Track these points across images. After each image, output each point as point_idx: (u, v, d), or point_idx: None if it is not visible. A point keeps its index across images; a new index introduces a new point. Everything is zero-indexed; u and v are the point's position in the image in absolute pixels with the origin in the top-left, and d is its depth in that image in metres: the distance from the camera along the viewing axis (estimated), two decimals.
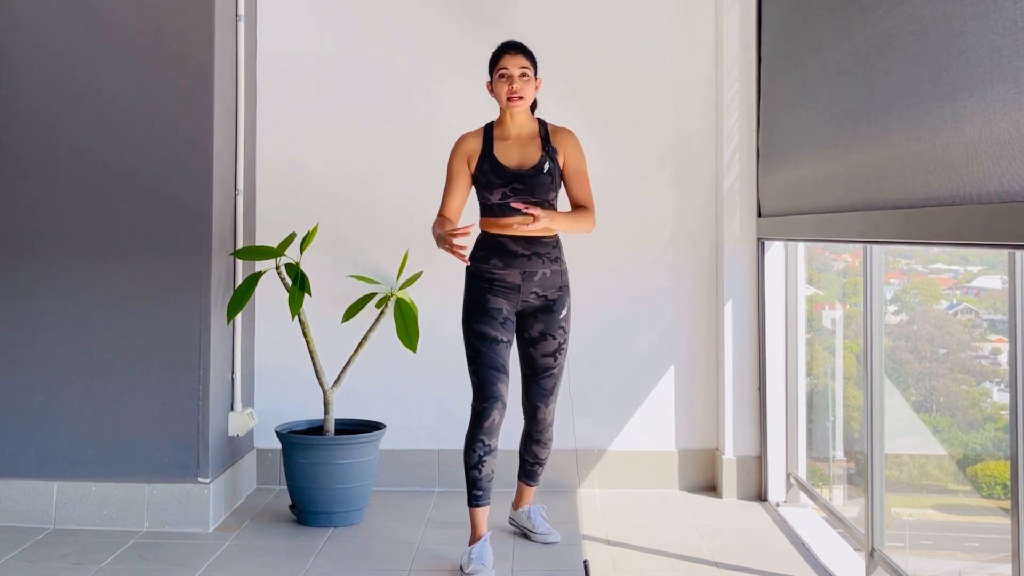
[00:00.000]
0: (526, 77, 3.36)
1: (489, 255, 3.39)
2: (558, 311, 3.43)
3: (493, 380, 3.31)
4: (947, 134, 2.18)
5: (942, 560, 3.20)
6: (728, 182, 4.24)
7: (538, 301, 3.41)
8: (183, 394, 3.75)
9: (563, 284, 3.45)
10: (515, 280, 3.37)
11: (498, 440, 3.33)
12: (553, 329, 3.43)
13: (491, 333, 3.34)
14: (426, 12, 4.36)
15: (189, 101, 3.79)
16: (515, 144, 3.41)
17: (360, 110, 4.36)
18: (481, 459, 3.30)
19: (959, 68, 2.12)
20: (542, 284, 3.40)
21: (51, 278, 3.79)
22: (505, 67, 3.35)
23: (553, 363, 3.45)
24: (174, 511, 3.71)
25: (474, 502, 3.34)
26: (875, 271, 3.11)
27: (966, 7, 2.08)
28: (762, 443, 4.16)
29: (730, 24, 4.24)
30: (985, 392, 2.85)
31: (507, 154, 3.39)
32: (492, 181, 3.35)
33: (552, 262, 3.41)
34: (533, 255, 3.37)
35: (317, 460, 3.78)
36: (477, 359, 3.33)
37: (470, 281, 3.43)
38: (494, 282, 3.38)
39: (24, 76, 3.80)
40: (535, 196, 3.34)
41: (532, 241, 3.37)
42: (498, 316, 3.35)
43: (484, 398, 3.30)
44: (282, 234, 4.03)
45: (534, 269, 3.37)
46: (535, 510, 3.68)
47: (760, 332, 4.19)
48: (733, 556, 3.45)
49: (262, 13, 4.35)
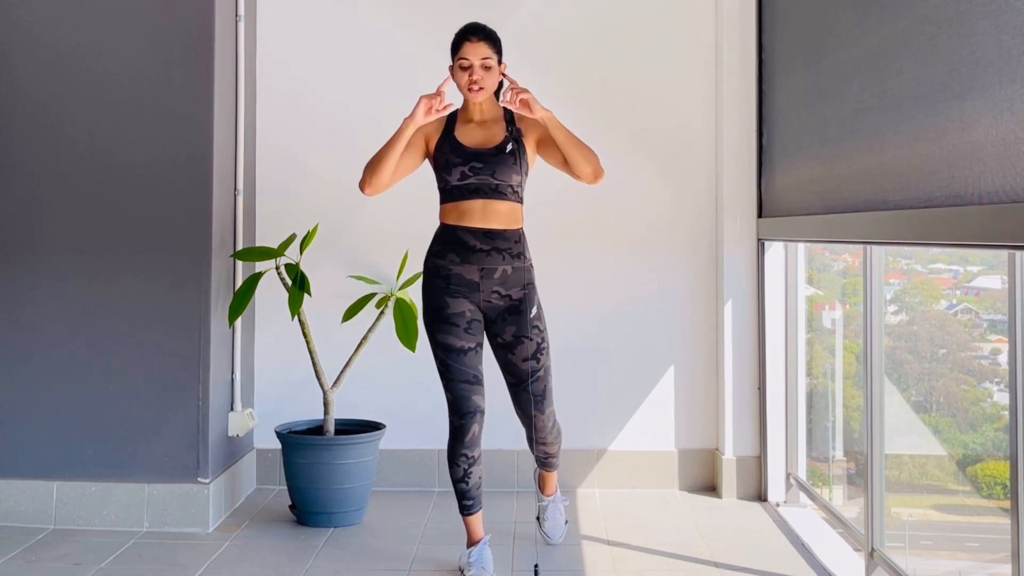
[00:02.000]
0: (488, 68, 3.19)
1: (445, 249, 3.22)
2: (527, 311, 3.25)
3: (467, 395, 3.17)
4: (954, 135, 2.19)
5: (942, 560, 3.20)
6: (728, 182, 4.24)
7: (502, 302, 3.24)
8: (183, 394, 3.75)
9: (528, 281, 3.25)
10: (473, 277, 3.20)
11: (480, 448, 3.24)
12: (526, 330, 3.24)
13: (456, 344, 3.19)
14: (426, 12, 4.36)
15: (189, 101, 3.78)
16: (477, 126, 3.28)
17: (360, 110, 4.36)
18: (467, 472, 3.22)
19: (969, 68, 2.12)
20: (503, 282, 3.22)
21: (51, 278, 3.79)
22: (465, 56, 3.19)
23: (537, 366, 3.27)
24: (174, 511, 3.71)
25: (465, 511, 3.27)
26: (875, 271, 3.11)
27: (977, 7, 2.09)
28: (762, 443, 4.16)
29: (730, 24, 4.24)
30: (985, 392, 2.85)
31: (468, 135, 3.26)
32: (451, 160, 3.21)
33: (514, 258, 3.22)
34: (492, 250, 3.19)
35: (317, 460, 3.78)
36: (447, 373, 3.19)
37: (427, 280, 3.26)
38: (451, 279, 3.21)
39: (23, 76, 3.80)
40: (496, 177, 3.18)
41: (491, 234, 3.19)
42: (460, 322, 3.20)
43: (461, 414, 3.17)
44: (282, 234, 4.03)
45: (493, 266, 3.20)
46: (553, 505, 3.62)
47: (760, 332, 4.19)
48: (733, 556, 3.45)
49: (262, 13, 4.35)
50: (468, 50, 3.20)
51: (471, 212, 3.21)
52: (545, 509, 3.63)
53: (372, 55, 4.37)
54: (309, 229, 4.00)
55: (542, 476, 3.65)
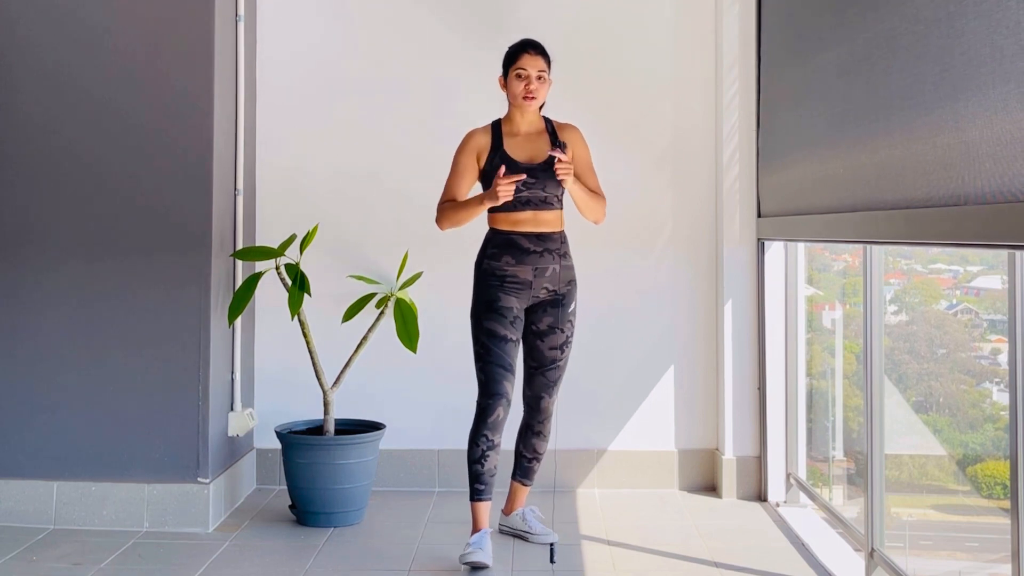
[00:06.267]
0: (542, 79, 3.41)
1: (501, 252, 3.41)
2: (567, 305, 3.48)
3: (500, 378, 3.35)
4: (948, 134, 2.18)
5: (942, 560, 3.20)
6: (728, 182, 4.24)
7: (548, 296, 3.45)
8: (183, 394, 3.75)
9: (572, 279, 3.49)
10: (527, 277, 3.40)
11: (501, 436, 3.36)
12: (562, 323, 3.47)
13: (501, 331, 3.37)
14: (427, 12, 4.36)
15: (189, 101, 3.78)
16: (524, 140, 3.45)
17: (360, 110, 4.36)
18: (484, 453, 3.33)
19: (961, 68, 2.12)
20: (552, 280, 3.43)
21: (51, 278, 3.79)
22: (524, 67, 3.40)
23: (560, 356, 3.48)
24: (174, 511, 3.71)
25: (476, 496, 3.36)
26: (875, 271, 3.11)
27: (969, 7, 2.08)
28: (762, 443, 4.16)
29: (730, 24, 4.24)
30: (985, 392, 2.85)
31: (517, 149, 3.43)
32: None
33: (561, 257, 3.45)
34: (544, 251, 3.41)
35: (317, 460, 3.78)
36: (486, 356, 3.37)
37: (481, 278, 3.44)
38: (506, 279, 3.40)
39: (24, 77, 3.80)
40: (546, 191, 3.39)
41: (543, 237, 3.41)
42: (508, 315, 3.38)
43: (491, 394, 3.34)
44: (282, 234, 4.03)
45: (545, 265, 3.41)
46: (528, 512, 3.66)
47: (760, 332, 4.19)
48: (733, 556, 3.45)
49: (262, 13, 4.35)
50: (527, 61, 3.41)
51: (523, 221, 3.41)
52: (524, 519, 3.63)
53: (372, 55, 4.37)
54: (309, 229, 4.00)
55: (515, 494, 3.66)
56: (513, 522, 3.66)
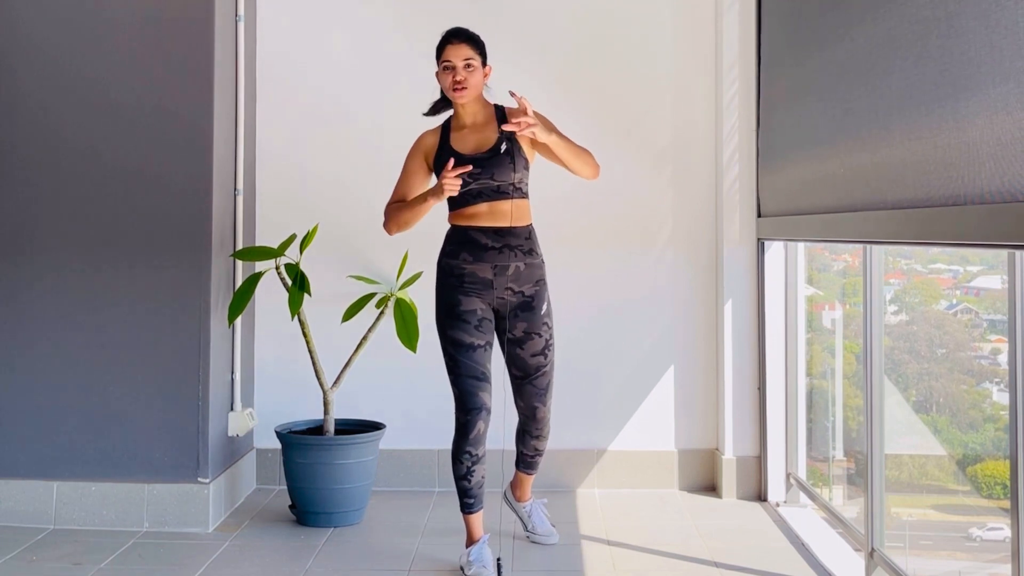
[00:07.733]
0: (471, 67, 3.24)
1: (458, 249, 3.28)
2: (539, 307, 3.31)
3: (474, 390, 3.23)
4: (948, 134, 2.18)
5: (942, 560, 3.20)
6: (728, 182, 4.24)
7: (515, 298, 3.29)
8: (183, 394, 3.75)
9: (540, 278, 3.32)
10: (486, 275, 3.26)
11: (485, 447, 3.27)
12: (537, 327, 3.31)
13: (466, 340, 3.24)
14: (426, 12, 4.36)
15: (189, 101, 3.79)
16: (470, 132, 3.32)
17: (360, 110, 4.36)
18: (470, 470, 3.25)
19: (961, 68, 2.12)
20: (517, 279, 3.27)
21: (51, 278, 3.79)
22: (448, 59, 3.25)
23: (544, 361, 3.35)
24: (174, 511, 3.71)
25: (467, 509, 3.31)
26: (875, 271, 3.11)
27: (968, 7, 2.08)
28: (762, 443, 4.16)
29: (730, 24, 4.24)
30: (985, 392, 2.85)
31: (463, 142, 3.30)
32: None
33: (526, 255, 3.29)
34: (504, 247, 3.25)
35: (317, 460, 3.78)
36: (456, 368, 3.25)
37: (441, 279, 3.31)
38: (464, 278, 3.26)
39: (24, 77, 3.80)
40: (495, 179, 3.23)
41: (502, 232, 3.25)
42: (472, 319, 3.25)
43: (467, 410, 3.23)
44: (282, 234, 4.03)
45: (506, 263, 3.25)
46: (536, 508, 3.64)
47: (760, 332, 4.19)
48: (733, 556, 3.45)
49: (262, 13, 4.35)
50: (450, 52, 3.26)
51: (479, 215, 3.26)
52: (530, 516, 3.63)
53: (372, 55, 4.37)
54: (309, 229, 4.00)
55: (520, 481, 3.64)
56: (519, 511, 3.64)
